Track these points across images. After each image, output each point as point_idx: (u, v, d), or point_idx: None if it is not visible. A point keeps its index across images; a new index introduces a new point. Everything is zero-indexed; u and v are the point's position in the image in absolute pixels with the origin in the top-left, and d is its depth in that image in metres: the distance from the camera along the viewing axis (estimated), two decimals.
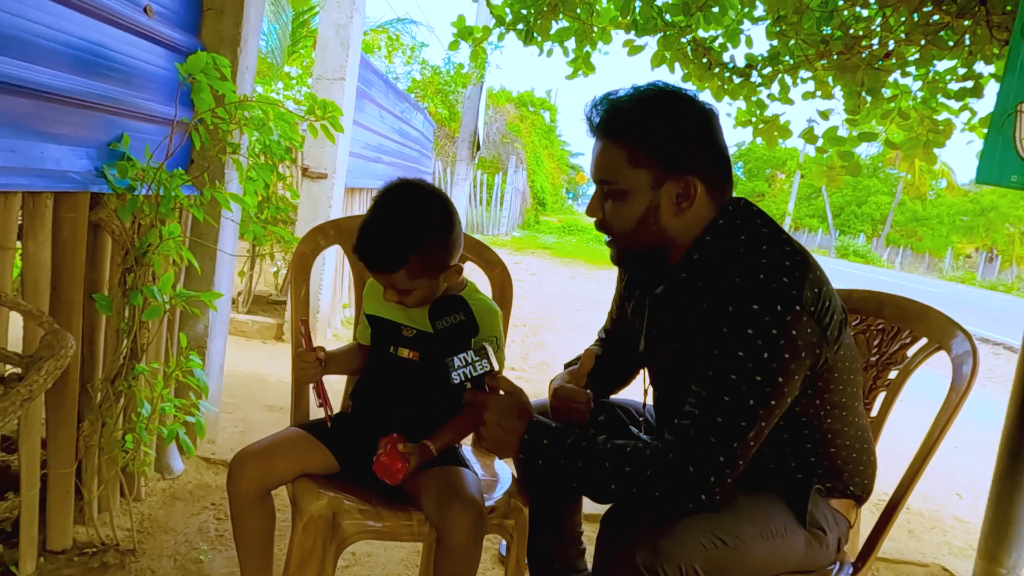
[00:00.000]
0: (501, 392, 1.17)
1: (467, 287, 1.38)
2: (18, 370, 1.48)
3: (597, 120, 1.13)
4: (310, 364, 1.30)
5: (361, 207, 5.01)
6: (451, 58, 7.76)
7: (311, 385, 1.39)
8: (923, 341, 1.39)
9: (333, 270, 4.20)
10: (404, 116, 6.52)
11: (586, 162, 1.11)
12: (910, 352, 1.41)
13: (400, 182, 1.27)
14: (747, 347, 1.01)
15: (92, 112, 1.64)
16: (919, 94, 2.45)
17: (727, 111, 2.54)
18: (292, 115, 1.86)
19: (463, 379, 1.15)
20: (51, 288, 1.55)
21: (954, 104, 2.33)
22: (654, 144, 1.09)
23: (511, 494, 1.36)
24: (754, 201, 1.17)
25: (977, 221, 32.39)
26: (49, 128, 1.50)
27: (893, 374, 1.43)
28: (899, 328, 1.44)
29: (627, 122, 1.10)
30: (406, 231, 1.20)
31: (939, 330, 1.36)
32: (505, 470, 1.50)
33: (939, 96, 2.41)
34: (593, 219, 1.20)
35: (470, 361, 1.15)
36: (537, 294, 7.76)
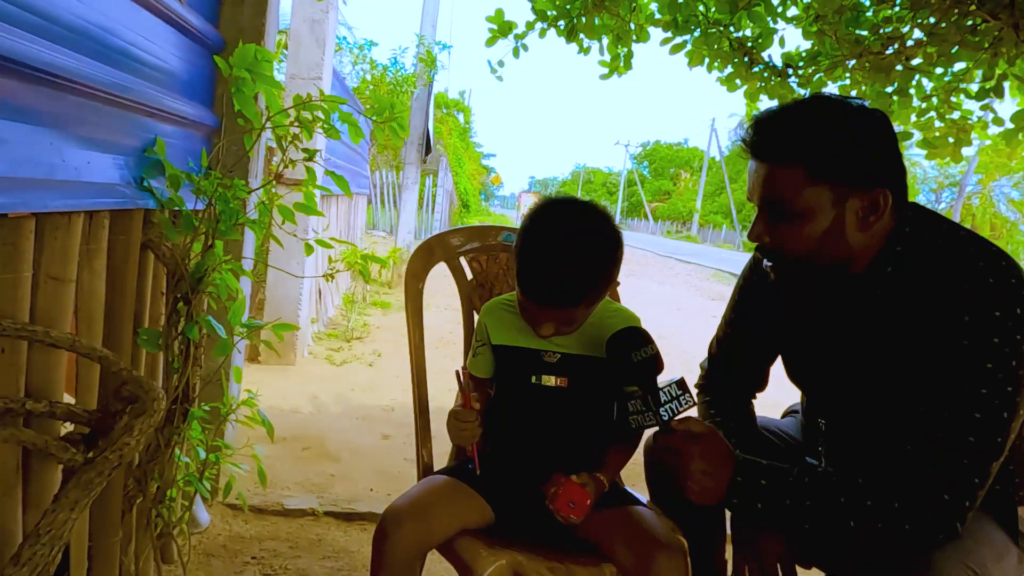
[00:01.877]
0: (692, 431, 1.05)
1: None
2: (69, 427, 1.22)
3: (761, 141, 1.05)
4: (472, 423, 1.13)
5: (331, 214, 4.71)
6: (397, 58, 7.51)
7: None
8: None
9: (311, 282, 3.91)
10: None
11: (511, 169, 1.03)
12: None
13: (558, 203, 1.14)
14: (995, 357, 0.94)
15: (128, 113, 1.39)
16: (934, 99, 2.52)
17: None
18: (350, 117, 1.65)
19: (671, 415, 1.03)
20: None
21: (973, 104, 2.42)
22: (837, 159, 1.01)
23: (672, 528, 1.24)
24: (661, 199, 1.14)
25: None
26: (89, 132, 1.25)
27: None
28: None
29: (804, 139, 1.02)
30: (593, 266, 1.08)
31: None
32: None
33: (953, 97, 2.49)
34: (756, 243, 1.11)
35: (675, 395, 1.03)
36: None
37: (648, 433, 1.34)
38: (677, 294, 10.26)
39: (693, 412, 1.13)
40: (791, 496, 1.00)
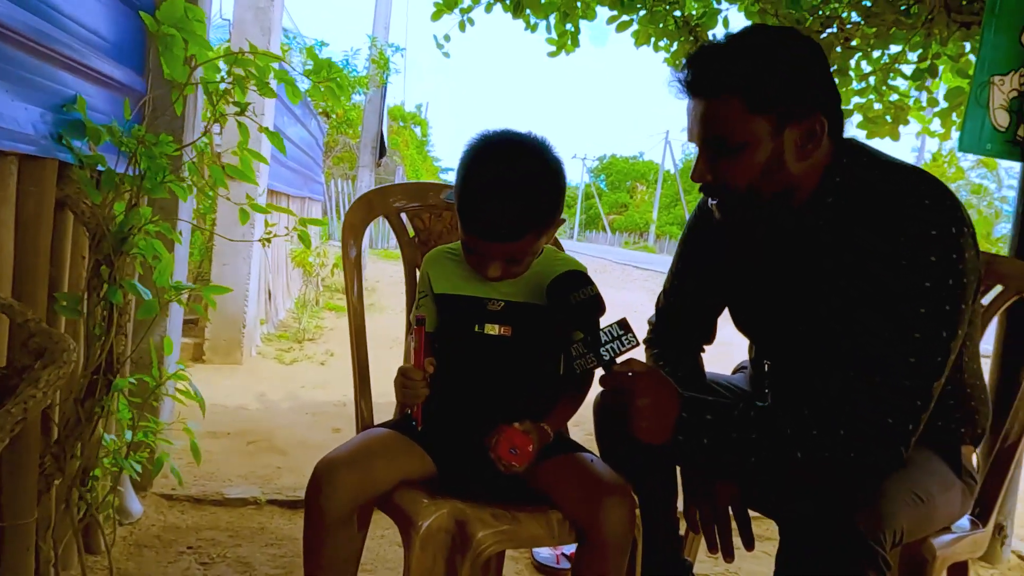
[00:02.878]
0: (635, 370, 1.03)
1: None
2: None
3: (697, 77, 1.04)
4: (419, 383, 1.07)
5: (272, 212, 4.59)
6: (349, 60, 7.41)
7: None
8: (999, 289, 1.41)
9: (258, 279, 3.79)
10: (303, 120, 6.12)
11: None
12: (986, 300, 1.42)
13: (495, 134, 1.10)
14: (932, 275, 0.94)
15: (46, 64, 1.31)
16: (872, 79, 2.60)
17: None
18: (285, 74, 1.59)
19: (612, 355, 1.01)
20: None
21: (907, 84, 2.49)
22: (774, 88, 1.01)
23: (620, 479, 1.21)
24: (619, 212, 1.15)
25: None
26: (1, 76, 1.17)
27: None
28: None
29: (740, 70, 1.01)
30: (536, 194, 1.05)
31: (1018, 277, 1.38)
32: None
33: (891, 79, 2.56)
34: (699, 183, 1.09)
35: (616, 335, 1.01)
36: None
37: (597, 391, 1.31)
38: (635, 298, 10.34)
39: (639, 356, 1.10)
40: (737, 429, 0.98)
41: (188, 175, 1.46)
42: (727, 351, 1.58)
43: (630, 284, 13.03)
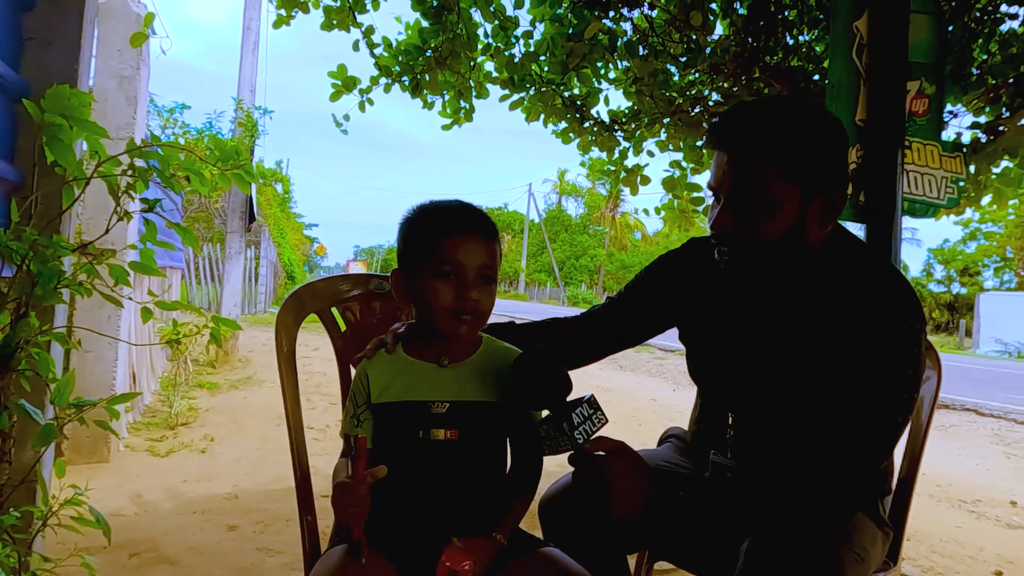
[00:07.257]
0: (602, 453, 1.05)
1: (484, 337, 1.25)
2: None
3: (734, 136, 1.07)
4: (363, 502, 1.01)
5: (143, 288, 4.23)
6: (212, 123, 7.08)
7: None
8: None
9: (124, 369, 3.45)
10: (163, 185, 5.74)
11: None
12: None
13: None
14: (896, 364, 1.02)
15: None
16: None
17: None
18: (194, 162, 1.51)
19: (585, 437, 1.01)
20: None
21: None
22: (806, 159, 1.06)
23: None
24: None
25: None
26: None
27: None
28: None
29: (778, 137, 1.06)
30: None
31: None
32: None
33: None
34: (716, 231, 1.10)
35: (587, 415, 1.02)
36: (333, 371, 7.23)
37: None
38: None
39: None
40: (705, 504, 1.03)
41: (86, 277, 1.33)
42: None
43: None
